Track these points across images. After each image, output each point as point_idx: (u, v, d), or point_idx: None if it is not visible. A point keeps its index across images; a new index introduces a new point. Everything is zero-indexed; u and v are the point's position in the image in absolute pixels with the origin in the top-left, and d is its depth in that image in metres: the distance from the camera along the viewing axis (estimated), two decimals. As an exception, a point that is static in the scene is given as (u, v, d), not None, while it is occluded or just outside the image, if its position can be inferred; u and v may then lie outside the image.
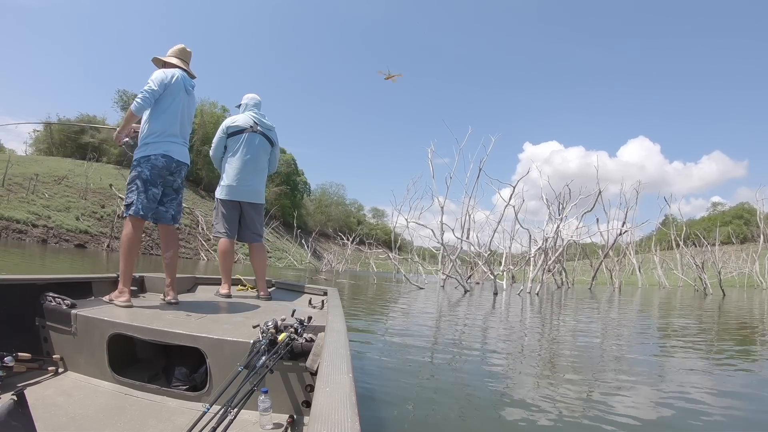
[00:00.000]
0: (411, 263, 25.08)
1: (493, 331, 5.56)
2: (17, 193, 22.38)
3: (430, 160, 17.27)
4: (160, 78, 2.40)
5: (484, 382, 2.94)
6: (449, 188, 17.67)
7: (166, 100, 2.42)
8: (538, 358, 3.96)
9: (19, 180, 23.82)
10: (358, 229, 47.95)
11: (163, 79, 2.40)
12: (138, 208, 2.31)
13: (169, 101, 2.42)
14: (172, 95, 2.43)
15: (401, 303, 8.72)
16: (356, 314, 6.24)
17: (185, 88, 2.51)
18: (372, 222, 79.95)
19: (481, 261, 19.62)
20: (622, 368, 3.55)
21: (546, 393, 2.69)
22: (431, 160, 17.26)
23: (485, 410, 2.38)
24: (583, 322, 7.01)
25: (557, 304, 11.00)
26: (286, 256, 36.61)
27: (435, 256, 21.72)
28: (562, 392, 2.72)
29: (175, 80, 2.44)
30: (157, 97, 2.39)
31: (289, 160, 58.49)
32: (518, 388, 2.81)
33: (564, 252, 20.26)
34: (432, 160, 17.27)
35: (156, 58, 2.68)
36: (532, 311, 8.54)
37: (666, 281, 29.88)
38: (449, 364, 3.48)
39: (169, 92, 2.42)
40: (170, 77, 2.43)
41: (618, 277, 25.52)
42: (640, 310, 10.27)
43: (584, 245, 29.30)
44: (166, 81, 2.41)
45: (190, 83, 2.57)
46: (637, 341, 5.27)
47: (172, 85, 2.43)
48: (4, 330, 1.70)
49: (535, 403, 2.45)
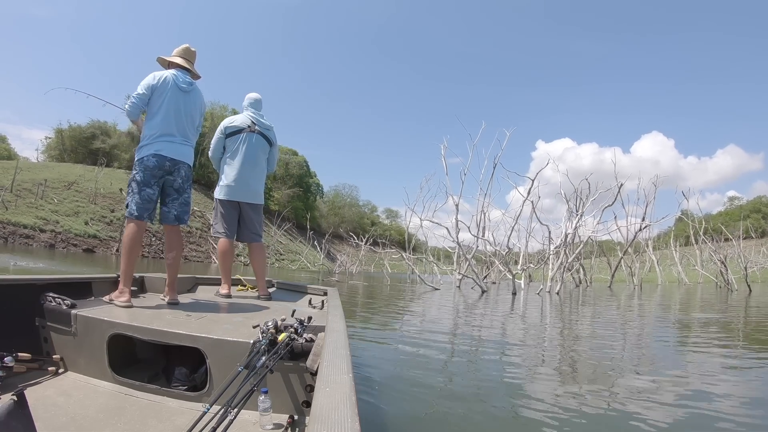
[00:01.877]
0: (426, 263, 24.99)
1: (512, 332, 5.47)
2: (25, 198, 22.97)
3: (443, 157, 17.23)
4: (147, 81, 2.47)
5: (489, 383, 2.93)
6: (464, 184, 17.37)
7: (156, 101, 2.48)
8: (561, 361, 3.81)
9: (28, 186, 24.44)
10: (371, 230, 48.23)
11: (149, 82, 2.47)
12: (132, 209, 2.39)
13: (159, 102, 2.48)
14: (162, 96, 2.48)
15: (415, 305, 8.64)
16: (368, 317, 6.22)
17: (178, 87, 2.54)
18: (386, 223, 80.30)
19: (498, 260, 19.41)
20: (671, 376, 3.25)
21: (566, 403, 2.60)
22: (444, 157, 17.21)
23: (487, 411, 2.37)
24: (612, 323, 6.76)
25: (580, 303, 10.80)
26: (300, 258, 36.94)
27: (449, 256, 21.60)
28: (594, 404, 2.56)
29: (162, 81, 2.49)
30: (146, 100, 2.46)
31: (301, 162, 59.17)
32: (528, 391, 2.74)
33: (582, 249, 19.86)
34: (445, 158, 17.18)
35: (160, 58, 2.74)
36: (554, 312, 8.37)
37: (685, 278, 29.57)
38: (462, 365, 3.47)
39: (158, 93, 2.48)
40: (157, 79, 2.48)
41: (638, 274, 25.16)
42: (669, 307, 10.00)
43: (601, 242, 28.85)
44: (153, 83, 2.47)
45: (185, 81, 2.59)
46: (676, 341, 5.09)
47: (159, 87, 2.48)
48: (4, 330, 1.75)
49: (549, 408, 2.40)
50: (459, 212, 16.74)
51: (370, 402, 2.33)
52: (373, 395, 2.46)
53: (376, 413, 2.19)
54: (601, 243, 28.67)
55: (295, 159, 58.65)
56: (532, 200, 16.35)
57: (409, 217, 22.10)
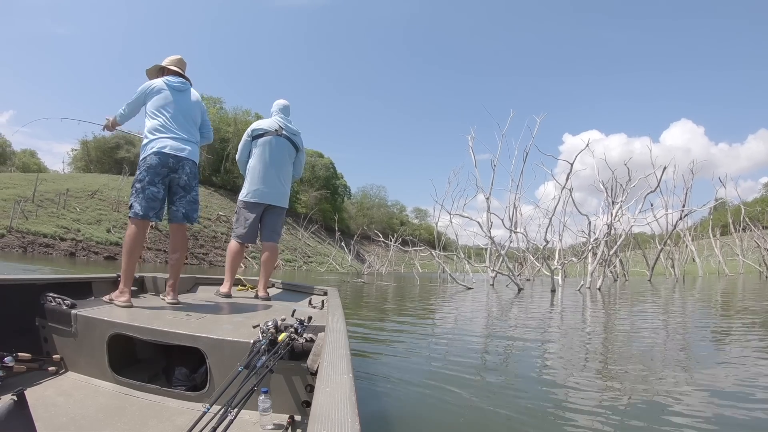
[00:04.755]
0: (457, 262, 24.69)
1: (558, 335, 5.17)
2: (47, 208, 23.79)
3: (471, 148, 16.97)
4: (141, 88, 2.64)
5: (502, 386, 2.84)
6: (495, 173, 16.81)
7: (154, 103, 2.61)
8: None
9: (51, 196, 25.34)
10: (400, 230, 48.30)
11: (143, 88, 2.63)
12: (137, 210, 2.47)
13: (156, 104, 2.60)
14: (158, 98, 2.61)
15: (447, 308, 8.35)
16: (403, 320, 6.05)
17: (173, 87, 2.67)
18: (415, 222, 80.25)
19: (533, 255, 18.86)
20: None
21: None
22: (472, 148, 16.92)
23: (489, 411, 2.33)
24: (682, 324, 6.12)
25: (627, 300, 10.29)
26: (328, 260, 37.36)
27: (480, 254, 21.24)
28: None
29: (156, 85, 2.64)
30: (138, 104, 2.63)
31: (327, 164, 60.09)
32: (543, 396, 2.62)
33: (622, 241, 19.06)
34: (473, 149, 16.89)
35: (148, 69, 2.86)
36: (605, 310, 7.92)
37: (726, 268, 28.66)
38: (497, 368, 3.38)
39: (154, 96, 2.61)
40: (150, 85, 2.64)
41: (679, 266, 24.50)
42: (728, 302, 9.23)
43: (635, 235, 27.86)
44: (146, 88, 2.63)
45: (177, 81, 2.72)
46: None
47: (154, 91, 2.62)
48: (5, 330, 1.83)
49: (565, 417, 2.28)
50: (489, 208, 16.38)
51: (370, 402, 2.36)
52: (373, 395, 2.48)
53: (377, 413, 2.21)
54: (636, 235, 27.68)
55: (321, 161, 59.69)
56: (570, 188, 15.62)
57: (438, 212, 21.90)
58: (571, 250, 24.18)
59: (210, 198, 38.56)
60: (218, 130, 41.52)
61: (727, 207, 27.32)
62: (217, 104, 48.58)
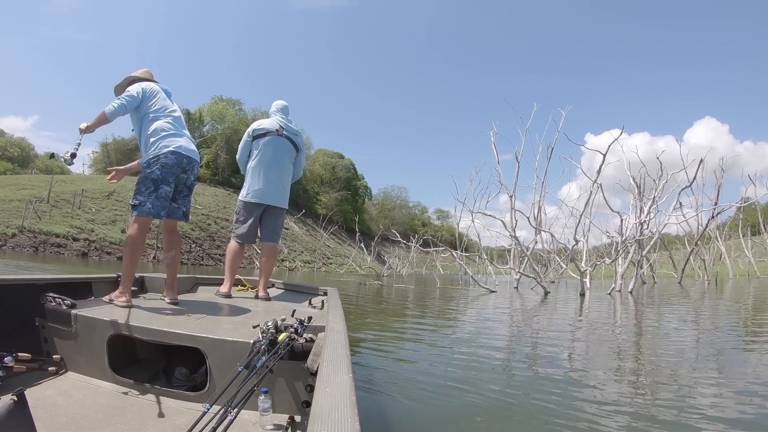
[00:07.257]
0: (479, 263, 24.38)
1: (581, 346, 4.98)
2: (62, 208, 24.27)
3: (494, 143, 16.67)
4: (141, 88, 2.63)
5: (500, 387, 2.86)
6: (519, 167, 16.35)
7: (156, 104, 2.64)
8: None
9: (66, 197, 25.88)
10: (422, 231, 48.21)
11: (143, 87, 2.64)
12: (149, 208, 2.49)
13: (158, 105, 2.65)
14: (157, 98, 2.65)
15: (469, 314, 7.99)
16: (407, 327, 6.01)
17: (166, 92, 2.74)
18: (437, 224, 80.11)
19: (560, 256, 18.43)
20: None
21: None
22: (494, 143, 16.65)
23: (489, 411, 2.35)
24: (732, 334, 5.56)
25: (665, 303, 9.87)
26: (348, 262, 37.52)
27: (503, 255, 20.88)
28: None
29: (154, 87, 2.69)
30: (137, 103, 2.60)
31: (348, 165, 60.43)
32: (546, 398, 2.58)
33: (655, 241, 18.43)
34: (495, 144, 16.62)
35: (119, 84, 2.86)
36: (643, 317, 7.44)
37: (757, 269, 27.70)
38: (518, 378, 3.34)
39: (153, 97, 2.64)
40: (148, 85, 2.68)
41: (711, 267, 23.90)
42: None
43: (662, 235, 27.02)
44: (146, 88, 2.64)
45: (165, 87, 2.79)
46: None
47: (154, 91, 2.66)
48: (5, 330, 1.88)
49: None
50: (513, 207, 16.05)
51: (370, 402, 2.39)
52: (373, 396, 2.52)
53: (376, 413, 2.23)
54: (663, 236, 26.86)
55: (342, 162, 60.22)
56: (599, 183, 15.03)
57: (460, 210, 21.65)
58: (595, 251, 23.58)
59: (228, 199, 39.10)
60: (237, 132, 42.14)
61: (755, 206, 26.06)
62: (236, 105, 49.25)
